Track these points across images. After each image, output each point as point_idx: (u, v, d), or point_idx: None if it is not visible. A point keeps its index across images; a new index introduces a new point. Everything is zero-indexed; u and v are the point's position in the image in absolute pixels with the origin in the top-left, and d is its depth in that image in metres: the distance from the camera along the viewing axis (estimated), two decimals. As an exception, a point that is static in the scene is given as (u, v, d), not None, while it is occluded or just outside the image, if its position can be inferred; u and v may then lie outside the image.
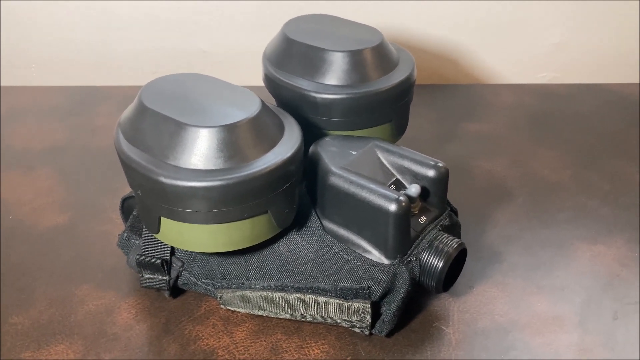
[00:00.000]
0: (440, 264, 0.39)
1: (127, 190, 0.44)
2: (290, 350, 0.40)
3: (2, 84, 0.72)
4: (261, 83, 0.47)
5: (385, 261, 0.38)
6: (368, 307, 0.38)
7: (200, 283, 0.41)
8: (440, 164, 0.41)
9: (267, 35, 0.51)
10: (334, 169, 0.40)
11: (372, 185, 0.38)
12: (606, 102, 0.69)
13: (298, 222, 0.40)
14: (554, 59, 0.73)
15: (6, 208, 0.52)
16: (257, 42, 0.56)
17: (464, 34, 0.71)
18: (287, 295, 0.40)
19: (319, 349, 0.40)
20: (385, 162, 0.42)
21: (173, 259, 0.42)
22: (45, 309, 0.43)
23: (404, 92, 0.45)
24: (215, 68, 0.72)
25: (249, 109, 0.37)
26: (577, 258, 0.48)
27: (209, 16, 0.69)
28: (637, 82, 0.73)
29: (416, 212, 0.40)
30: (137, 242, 0.43)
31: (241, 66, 0.69)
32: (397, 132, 0.47)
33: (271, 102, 0.45)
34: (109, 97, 0.69)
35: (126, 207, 0.45)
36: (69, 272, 0.46)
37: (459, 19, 0.70)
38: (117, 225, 0.49)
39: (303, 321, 0.41)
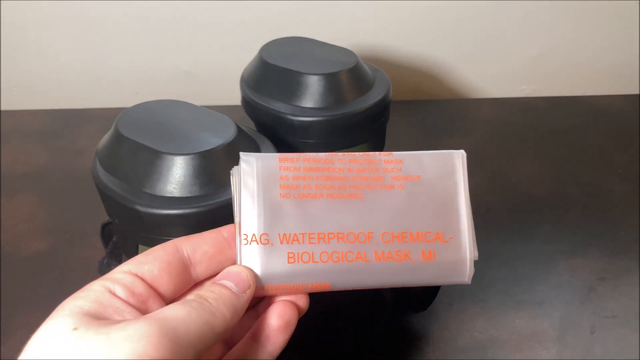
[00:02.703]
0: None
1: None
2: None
3: (-16, 109, 0.72)
4: (241, 104, 0.48)
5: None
6: (348, 328, 0.39)
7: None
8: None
9: (249, 56, 0.52)
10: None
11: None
12: (586, 114, 0.70)
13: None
14: (533, 72, 0.74)
15: (-13, 235, 0.52)
16: (239, 63, 0.56)
17: (443, 49, 0.72)
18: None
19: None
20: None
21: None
22: (27, 336, 0.42)
23: (380, 112, 0.45)
24: (198, 88, 0.73)
25: (225, 134, 0.37)
26: (556, 272, 0.48)
27: (192, 37, 0.70)
28: (616, 94, 0.74)
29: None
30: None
31: (224, 86, 0.70)
32: (374, 152, 0.47)
33: (250, 124, 0.46)
34: (92, 120, 0.69)
35: (106, 232, 0.45)
36: (50, 299, 0.45)
37: (438, 34, 0.71)
38: (99, 250, 0.49)
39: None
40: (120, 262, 0.42)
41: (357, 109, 0.44)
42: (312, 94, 0.44)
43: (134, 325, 0.22)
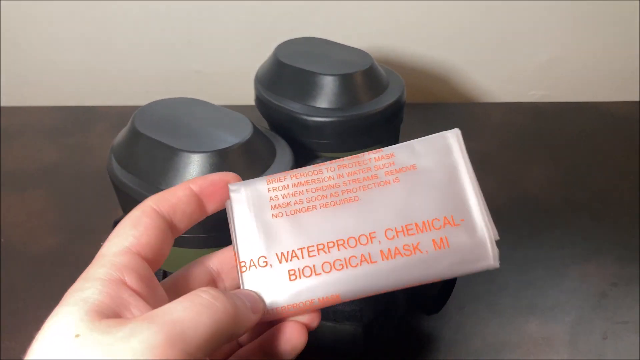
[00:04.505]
0: (432, 286, 0.39)
1: (120, 212, 0.45)
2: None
3: (-5, 105, 0.72)
4: (254, 103, 0.48)
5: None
6: (360, 330, 0.39)
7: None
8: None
9: (260, 55, 0.52)
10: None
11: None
12: (596, 120, 0.70)
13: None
14: (543, 77, 0.74)
15: (-2, 230, 0.52)
16: (250, 63, 0.56)
17: (455, 53, 0.72)
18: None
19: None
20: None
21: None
22: (36, 332, 0.43)
23: (394, 114, 0.45)
24: (208, 88, 0.73)
25: (241, 133, 0.37)
26: (567, 277, 0.48)
27: (203, 37, 0.70)
28: (627, 100, 0.74)
29: (407, 234, 0.40)
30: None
31: (235, 86, 0.70)
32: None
33: (263, 124, 0.46)
34: (103, 118, 0.69)
35: (119, 229, 0.45)
36: (61, 295, 0.46)
37: (450, 39, 0.71)
38: (110, 247, 0.49)
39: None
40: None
41: (371, 110, 0.44)
42: (326, 95, 0.44)
43: (138, 336, 0.20)
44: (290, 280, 0.27)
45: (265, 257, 0.27)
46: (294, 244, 0.27)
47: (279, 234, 0.28)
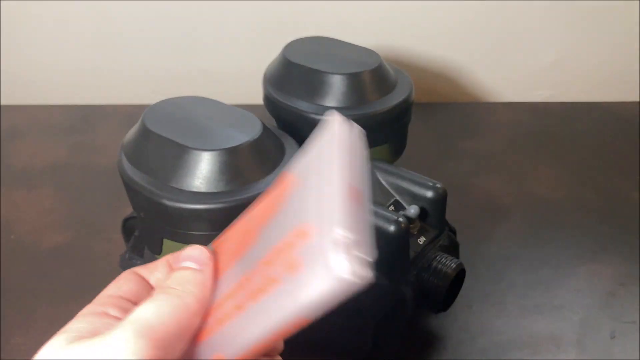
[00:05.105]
0: (439, 284, 0.39)
1: (128, 209, 0.45)
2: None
3: (3, 103, 0.73)
4: (261, 102, 0.48)
5: (385, 282, 0.39)
6: (369, 327, 0.39)
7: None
8: (438, 185, 0.41)
9: (266, 55, 0.52)
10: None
11: (371, 206, 0.39)
12: (602, 120, 0.70)
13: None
14: (550, 77, 0.74)
15: (8, 227, 0.53)
16: (256, 62, 0.57)
17: (462, 52, 0.72)
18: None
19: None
20: (384, 183, 0.42)
21: (174, 279, 0.42)
22: (47, 328, 0.43)
23: (402, 113, 0.45)
24: (215, 87, 0.73)
25: (251, 132, 0.37)
26: (574, 276, 0.48)
27: (210, 36, 0.70)
28: (634, 100, 0.74)
29: (415, 232, 0.41)
30: (139, 262, 0.43)
31: (241, 86, 0.70)
32: (395, 153, 0.47)
33: (271, 122, 0.46)
34: (110, 116, 0.70)
35: (127, 227, 0.46)
36: (70, 292, 0.46)
37: (457, 38, 0.71)
38: (118, 244, 0.49)
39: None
40: (142, 256, 0.43)
41: (379, 109, 0.44)
42: (334, 94, 0.44)
43: (111, 333, 0.22)
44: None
45: None
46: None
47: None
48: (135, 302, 0.27)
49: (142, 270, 0.28)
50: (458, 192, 0.57)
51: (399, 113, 0.45)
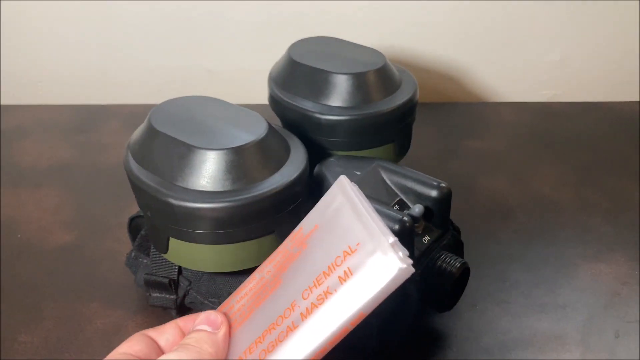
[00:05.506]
0: (444, 283, 0.39)
1: (134, 208, 0.45)
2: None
3: (9, 102, 0.73)
4: (266, 102, 0.48)
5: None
6: (373, 326, 0.39)
7: (206, 302, 0.42)
8: (442, 185, 0.41)
9: (271, 55, 0.52)
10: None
11: (376, 206, 0.39)
12: (606, 120, 0.70)
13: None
14: (554, 77, 0.74)
15: (14, 226, 0.53)
16: (261, 62, 0.57)
17: (465, 52, 0.72)
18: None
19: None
20: (388, 182, 0.43)
21: (180, 278, 0.42)
22: (53, 327, 0.43)
23: (407, 113, 0.46)
24: (220, 87, 0.73)
25: (256, 131, 0.38)
26: (578, 276, 0.48)
27: (214, 36, 0.70)
28: (637, 100, 0.74)
29: (419, 231, 0.41)
30: (145, 261, 0.43)
31: (245, 85, 0.70)
32: (400, 152, 0.48)
33: (276, 122, 0.46)
34: (116, 115, 0.70)
35: (133, 226, 0.46)
36: (76, 291, 0.46)
37: (461, 38, 0.71)
38: (124, 243, 0.50)
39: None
40: (148, 255, 0.43)
41: (384, 109, 0.44)
42: (339, 93, 0.44)
43: None
44: None
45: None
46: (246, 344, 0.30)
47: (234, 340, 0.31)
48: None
49: (152, 332, 0.33)
50: (462, 191, 0.57)
51: (403, 113, 0.45)
